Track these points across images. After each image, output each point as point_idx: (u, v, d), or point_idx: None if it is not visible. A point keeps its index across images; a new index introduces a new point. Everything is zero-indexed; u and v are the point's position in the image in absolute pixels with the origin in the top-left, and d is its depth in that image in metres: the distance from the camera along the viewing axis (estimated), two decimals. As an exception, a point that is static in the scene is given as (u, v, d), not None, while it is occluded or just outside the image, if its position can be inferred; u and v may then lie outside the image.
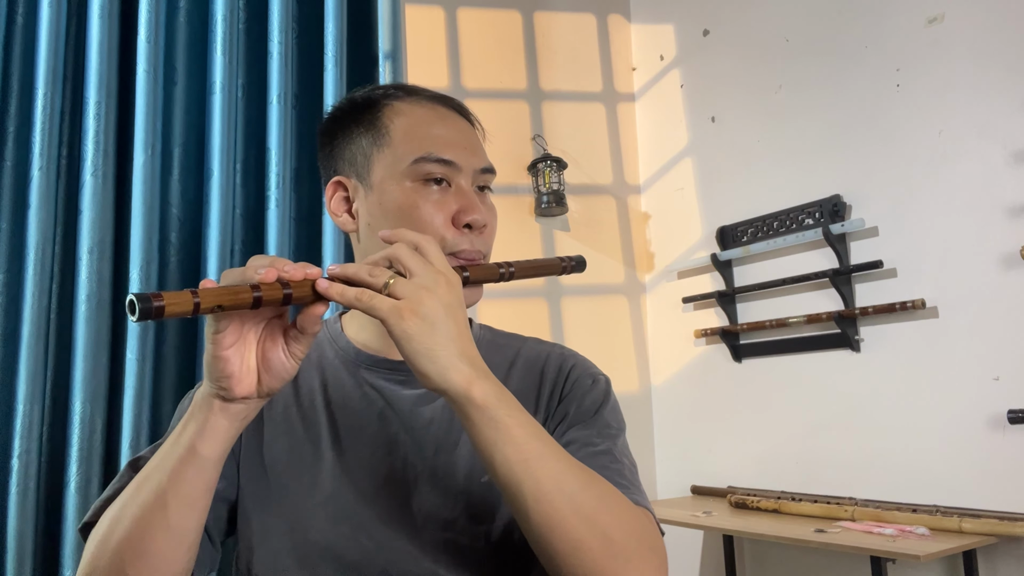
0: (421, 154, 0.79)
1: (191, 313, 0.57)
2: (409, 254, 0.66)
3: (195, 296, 0.57)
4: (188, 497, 0.66)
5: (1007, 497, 1.78)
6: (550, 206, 2.50)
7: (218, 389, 0.64)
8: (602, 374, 0.87)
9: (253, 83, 1.58)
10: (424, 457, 0.80)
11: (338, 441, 0.81)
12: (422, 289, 0.63)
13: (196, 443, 0.65)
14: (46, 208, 1.36)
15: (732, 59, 2.51)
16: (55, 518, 1.35)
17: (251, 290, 0.60)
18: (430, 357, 0.62)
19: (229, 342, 0.63)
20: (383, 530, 0.77)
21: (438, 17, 2.49)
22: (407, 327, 0.62)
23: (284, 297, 0.61)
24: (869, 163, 2.11)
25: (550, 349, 0.89)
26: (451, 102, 0.86)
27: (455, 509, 0.77)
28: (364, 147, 0.83)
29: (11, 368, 1.33)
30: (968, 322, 1.89)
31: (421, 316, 0.62)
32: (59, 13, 1.41)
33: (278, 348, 0.65)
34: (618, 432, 0.81)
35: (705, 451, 2.50)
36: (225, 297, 0.59)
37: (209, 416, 0.65)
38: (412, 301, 0.63)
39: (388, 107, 0.83)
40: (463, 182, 0.81)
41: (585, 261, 0.84)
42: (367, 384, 0.83)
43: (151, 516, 0.66)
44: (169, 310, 0.56)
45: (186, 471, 0.65)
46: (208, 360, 0.63)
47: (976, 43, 1.90)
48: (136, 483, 0.69)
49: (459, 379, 0.63)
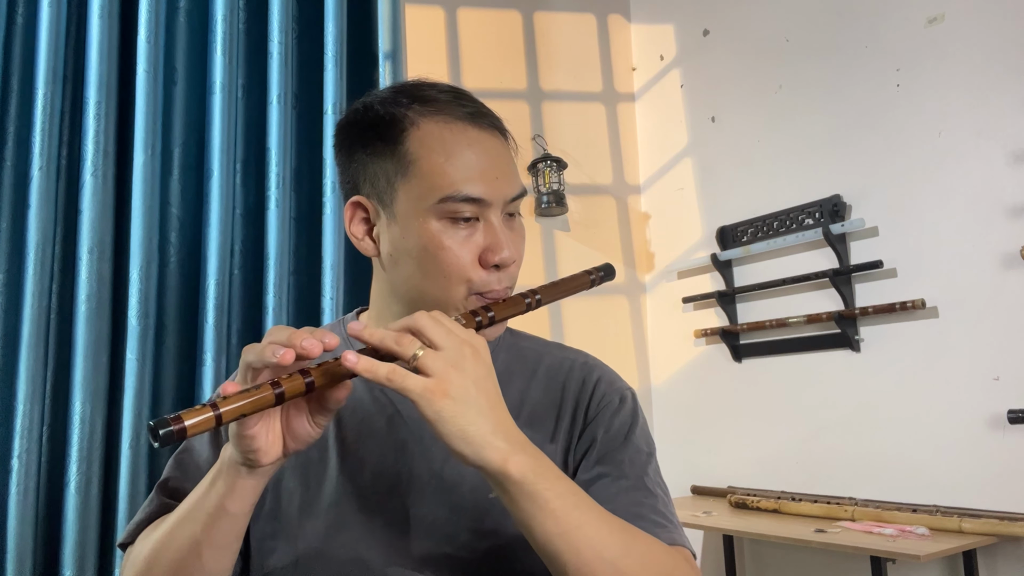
0: (449, 192, 0.74)
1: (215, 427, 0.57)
2: (432, 324, 0.64)
3: (215, 409, 0.57)
4: (220, 546, 0.70)
5: (1007, 497, 1.78)
6: (550, 206, 2.50)
7: (245, 460, 0.65)
8: (628, 388, 0.85)
9: (253, 83, 1.57)
10: (431, 466, 0.79)
11: (345, 447, 0.80)
12: (450, 367, 0.62)
13: (225, 503, 0.67)
14: (46, 208, 1.36)
15: (732, 59, 2.51)
16: (55, 518, 1.34)
17: (271, 388, 0.60)
18: (464, 438, 0.61)
19: (254, 422, 0.63)
20: (384, 540, 0.76)
21: (438, 17, 2.49)
22: (439, 408, 0.61)
23: (307, 387, 0.61)
24: (869, 163, 2.11)
25: (573, 357, 0.86)
26: (484, 119, 0.79)
27: (458, 523, 0.77)
28: (388, 172, 0.77)
29: (11, 368, 1.33)
30: (968, 322, 1.89)
31: (452, 397, 0.61)
32: (59, 13, 1.41)
33: (303, 417, 0.66)
34: (649, 457, 0.80)
35: (705, 451, 2.50)
36: (247, 406, 0.59)
37: (237, 479, 0.67)
38: (442, 381, 0.61)
39: (414, 129, 0.76)
40: (492, 217, 0.76)
41: (614, 268, 0.81)
42: (378, 389, 0.82)
43: (187, 562, 0.70)
44: (192, 431, 0.56)
45: (217, 525, 0.69)
46: (234, 436, 0.64)
47: (976, 43, 1.90)
48: (171, 526, 0.72)
49: (495, 457, 0.62)
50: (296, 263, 1.56)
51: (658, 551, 0.68)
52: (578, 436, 0.80)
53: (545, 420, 0.81)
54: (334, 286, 1.52)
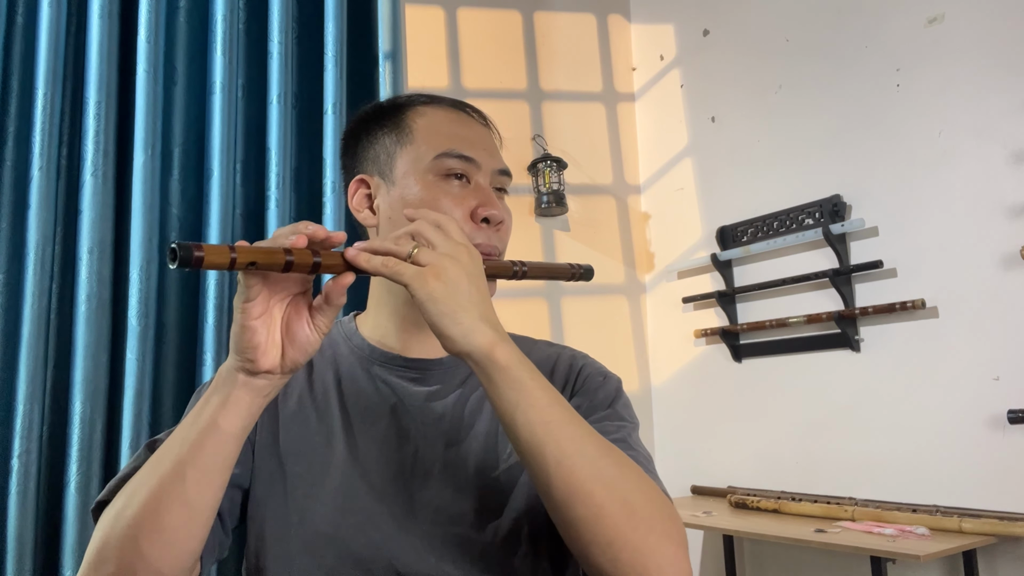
0: (443, 150, 0.82)
1: (227, 266, 0.59)
2: (431, 228, 0.68)
3: (232, 251, 0.60)
4: (207, 470, 0.66)
5: (1007, 497, 1.78)
6: (550, 206, 2.50)
7: (244, 361, 0.65)
8: (612, 374, 0.88)
9: (253, 83, 1.57)
10: (434, 451, 0.80)
11: (351, 434, 0.82)
12: (445, 256, 0.66)
13: (218, 417, 0.65)
14: (46, 208, 1.36)
15: (732, 59, 2.51)
16: (55, 518, 1.34)
17: (284, 253, 0.62)
18: (454, 319, 0.64)
19: (257, 312, 0.64)
20: (391, 523, 0.77)
21: (438, 17, 2.49)
22: (432, 290, 0.64)
23: (314, 265, 0.63)
24: (869, 163, 2.11)
25: (560, 351, 0.90)
26: (471, 109, 0.90)
27: (464, 503, 0.78)
28: (388, 145, 0.86)
29: (11, 368, 1.33)
30: (968, 322, 1.89)
31: (444, 280, 0.64)
32: (59, 13, 1.41)
33: (303, 321, 0.67)
34: (632, 427, 0.82)
35: (705, 451, 2.50)
36: (260, 255, 0.61)
37: (233, 390, 0.66)
38: (436, 267, 0.65)
39: (412, 109, 0.87)
40: (482, 180, 0.84)
41: (593, 271, 0.86)
42: (380, 380, 0.84)
43: (169, 488, 0.65)
44: (208, 260, 0.58)
45: (206, 443, 0.66)
46: (236, 331, 0.64)
47: (976, 43, 1.90)
48: (155, 458, 0.69)
49: (483, 341, 0.64)
50: (296, 263, 1.56)
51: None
52: None
53: None
54: (334, 286, 1.51)
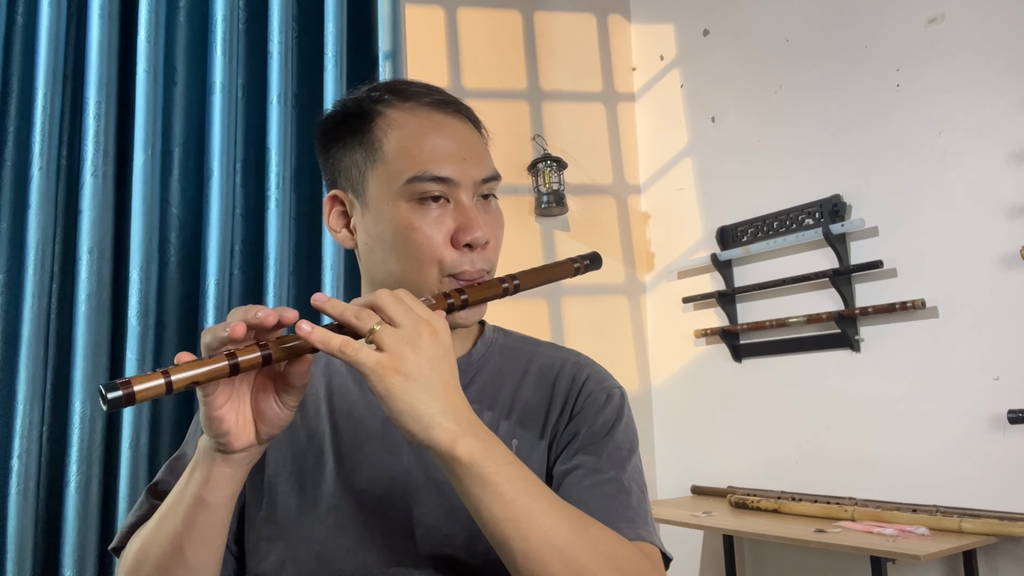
0: (415, 172, 0.75)
1: (165, 394, 0.56)
2: (393, 302, 0.64)
3: (166, 376, 0.56)
4: (202, 540, 0.69)
5: (1007, 497, 1.78)
6: (550, 206, 2.50)
7: (217, 444, 0.65)
8: (617, 387, 0.85)
9: (253, 83, 1.58)
10: (427, 468, 0.78)
11: (340, 451, 0.80)
12: (405, 344, 0.61)
13: (203, 493, 0.67)
14: (46, 208, 1.36)
15: (732, 59, 2.51)
16: (55, 518, 1.34)
17: (226, 358, 0.58)
18: (413, 416, 0.61)
19: (221, 402, 0.63)
20: (382, 542, 0.76)
21: (438, 17, 2.49)
22: (389, 385, 0.61)
23: (263, 359, 0.60)
24: (869, 163, 2.11)
25: (565, 357, 0.86)
26: (449, 105, 0.81)
27: (455, 524, 0.76)
28: (358, 162, 0.79)
29: (11, 368, 1.33)
30: (968, 322, 1.89)
31: (404, 373, 0.61)
32: (59, 13, 1.41)
33: (270, 399, 0.66)
34: (628, 454, 0.80)
35: (705, 451, 2.50)
36: (200, 375, 0.58)
37: (213, 467, 0.66)
38: (395, 357, 0.61)
39: (380, 118, 0.79)
40: (463, 197, 0.76)
41: (600, 258, 0.81)
42: (371, 392, 0.82)
43: (170, 559, 0.69)
44: (140, 396, 0.54)
45: (197, 517, 0.68)
46: (203, 419, 0.64)
47: (976, 43, 1.90)
48: (155, 522, 0.72)
49: (443, 437, 0.61)
50: (296, 263, 1.56)
51: (614, 542, 0.67)
52: (562, 429, 0.80)
53: (536, 418, 0.81)
54: (334, 286, 1.52)
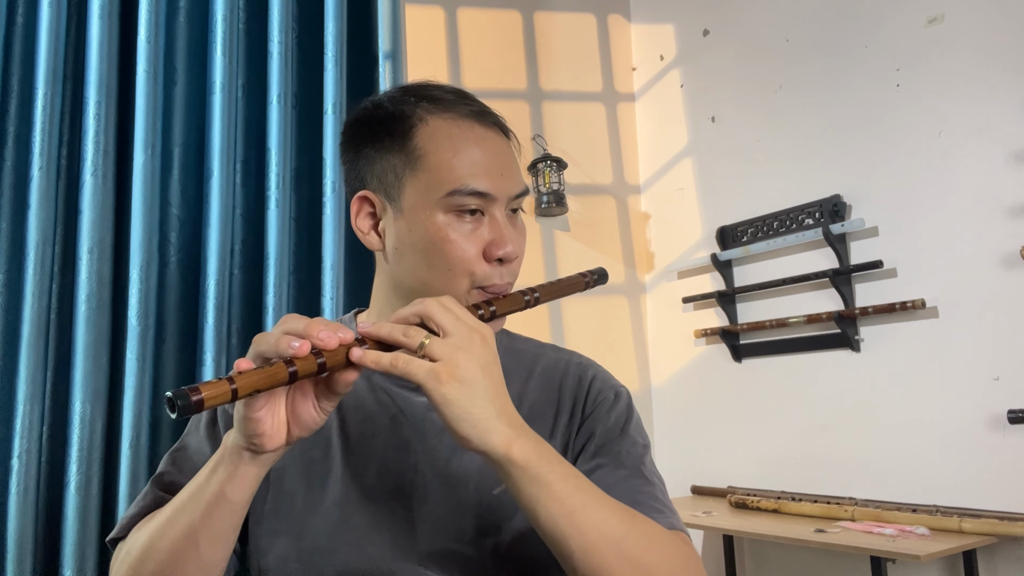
0: (456, 186, 0.75)
1: (230, 400, 0.58)
2: (441, 311, 0.65)
3: (232, 383, 0.58)
4: (218, 535, 0.70)
5: (1007, 497, 1.78)
6: (550, 206, 2.50)
7: (249, 444, 0.65)
8: (623, 387, 0.86)
9: (253, 83, 1.57)
10: (435, 464, 0.79)
11: (348, 446, 0.81)
12: (458, 350, 0.63)
13: (226, 489, 0.67)
14: (46, 208, 1.36)
15: (732, 59, 2.51)
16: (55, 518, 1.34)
17: (286, 366, 0.60)
18: (470, 421, 0.62)
19: (261, 404, 0.64)
20: (389, 538, 0.77)
21: (438, 17, 2.49)
22: (446, 392, 0.62)
23: (319, 367, 0.62)
24: (869, 163, 2.11)
25: (568, 358, 0.88)
26: (488, 117, 0.82)
27: (463, 519, 0.77)
28: (396, 167, 0.78)
29: (11, 368, 1.33)
30: (968, 322, 1.89)
31: (459, 379, 0.62)
32: (59, 13, 1.40)
33: (308, 403, 0.66)
34: (644, 450, 0.82)
35: (705, 451, 2.50)
36: (262, 381, 0.60)
37: (239, 465, 0.67)
38: (449, 364, 0.62)
39: (422, 126, 0.78)
40: (497, 212, 0.78)
41: (607, 274, 0.83)
42: (380, 389, 0.83)
43: (183, 551, 0.70)
44: (208, 403, 0.57)
45: (216, 513, 0.68)
46: (239, 419, 0.64)
47: (976, 43, 1.90)
48: (167, 516, 0.72)
49: (499, 441, 0.63)
50: (296, 263, 1.56)
51: (658, 532, 0.69)
52: (576, 431, 0.82)
53: (543, 419, 0.82)
54: (334, 286, 1.51)
